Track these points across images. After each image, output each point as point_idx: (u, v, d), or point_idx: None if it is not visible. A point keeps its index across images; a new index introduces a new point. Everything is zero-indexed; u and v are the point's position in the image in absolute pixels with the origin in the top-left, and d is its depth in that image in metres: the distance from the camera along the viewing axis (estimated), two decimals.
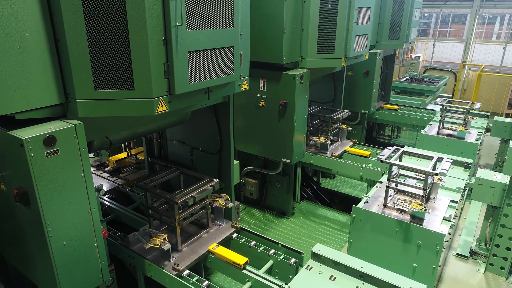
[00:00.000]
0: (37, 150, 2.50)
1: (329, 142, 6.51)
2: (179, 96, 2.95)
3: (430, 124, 7.06)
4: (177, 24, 2.71)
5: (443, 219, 3.99)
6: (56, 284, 2.82)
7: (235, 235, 4.18)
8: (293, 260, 3.66)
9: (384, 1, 7.47)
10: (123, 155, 6.31)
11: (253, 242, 3.96)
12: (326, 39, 5.17)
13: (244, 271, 3.58)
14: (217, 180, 4.17)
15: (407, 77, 11.58)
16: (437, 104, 6.93)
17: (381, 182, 4.79)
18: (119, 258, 4.05)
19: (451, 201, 4.38)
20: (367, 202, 4.31)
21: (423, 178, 4.03)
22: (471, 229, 5.66)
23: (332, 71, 6.50)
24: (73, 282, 2.92)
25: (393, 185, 4.28)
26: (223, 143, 4.44)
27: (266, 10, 4.91)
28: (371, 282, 3.11)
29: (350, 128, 7.14)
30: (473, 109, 6.73)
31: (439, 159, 4.19)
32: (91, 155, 6.51)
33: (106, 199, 5.21)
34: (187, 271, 3.58)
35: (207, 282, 3.43)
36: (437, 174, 3.93)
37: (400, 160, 4.47)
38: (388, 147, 4.58)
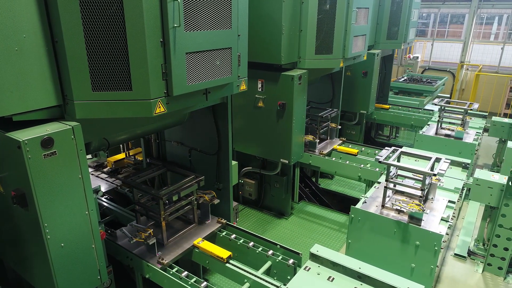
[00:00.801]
0: (34, 152, 2.50)
1: (318, 140, 6.61)
2: (177, 97, 2.95)
3: (428, 125, 7.07)
4: (175, 25, 2.71)
5: (441, 219, 3.99)
6: (54, 286, 2.82)
7: (233, 235, 4.18)
8: (291, 261, 3.66)
9: (382, 2, 7.49)
10: (121, 156, 6.30)
11: (252, 243, 3.96)
12: (324, 40, 5.17)
13: (227, 264, 3.70)
14: (203, 177, 4.26)
15: (405, 77, 11.59)
16: (435, 104, 6.94)
17: (379, 183, 4.79)
18: (117, 259, 4.05)
19: (449, 201, 4.38)
20: (365, 202, 4.32)
21: (421, 179, 4.04)
22: (469, 229, 5.67)
23: (331, 71, 6.51)
24: (71, 283, 2.91)
25: (391, 185, 4.29)
26: (221, 143, 4.44)
27: (264, 11, 4.91)
28: (369, 283, 3.11)
29: (340, 127, 7.26)
30: (471, 110, 6.74)
31: (437, 160, 4.20)
32: (89, 156, 6.50)
33: (104, 200, 5.21)
34: (185, 272, 3.58)
35: (205, 283, 3.43)
36: (435, 175, 3.94)
37: (398, 161, 4.47)
38: (386, 148, 4.58)
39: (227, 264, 3.69)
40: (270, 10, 4.86)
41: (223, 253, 3.76)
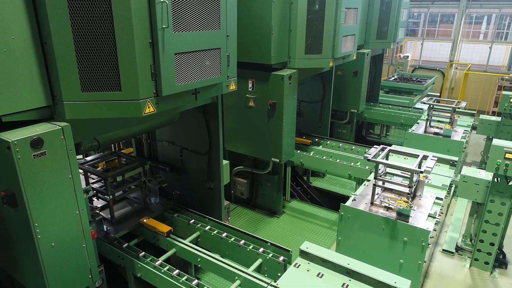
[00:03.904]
0: (24, 153, 2.51)
1: None
2: (166, 97, 2.97)
3: (418, 123, 7.16)
4: (164, 26, 2.73)
5: (429, 216, 4.06)
6: (45, 286, 2.83)
7: (224, 234, 4.21)
8: (281, 258, 3.71)
9: (372, 2, 7.57)
10: None
11: (242, 241, 4.00)
12: (314, 40, 5.23)
13: (169, 238, 4.12)
14: (149, 161, 4.73)
15: (395, 76, 11.72)
16: (425, 103, 7.03)
17: (368, 180, 4.86)
18: (109, 259, 4.06)
19: (437, 198, 4.46)
20: (355, 200, 4.37)
21: (409, 176, 4.11)
22: (457, 225, 5.77)
23: (321, 71, 6.57)
24: (62, 283, 2.93)
25: (380, 183, 4.34)
26: (212, 143, 4.48)
27: (254, 11, 4.95)
28: (357, 279, 3.17)
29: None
30: (458, 108, 6.85)
31: (425, 157, 4.27)
32: (80, 156, 6.48)
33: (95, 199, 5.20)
34: (177, 271, 3.61)
35: (196, 281, 3.47)
36: (422, 172, 4.01)
37: (387, 159, 4.54)
38: (375, 146, 4.65)
39: (168, 238, 4.11)
40: (260, 10, 4.90)
41: (164, 228, 4.18)
